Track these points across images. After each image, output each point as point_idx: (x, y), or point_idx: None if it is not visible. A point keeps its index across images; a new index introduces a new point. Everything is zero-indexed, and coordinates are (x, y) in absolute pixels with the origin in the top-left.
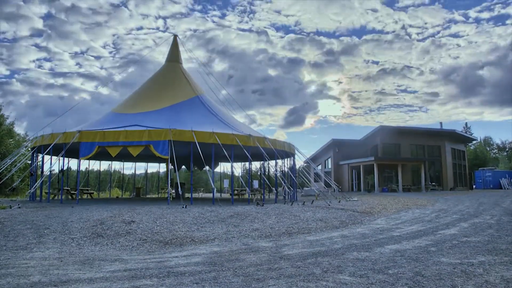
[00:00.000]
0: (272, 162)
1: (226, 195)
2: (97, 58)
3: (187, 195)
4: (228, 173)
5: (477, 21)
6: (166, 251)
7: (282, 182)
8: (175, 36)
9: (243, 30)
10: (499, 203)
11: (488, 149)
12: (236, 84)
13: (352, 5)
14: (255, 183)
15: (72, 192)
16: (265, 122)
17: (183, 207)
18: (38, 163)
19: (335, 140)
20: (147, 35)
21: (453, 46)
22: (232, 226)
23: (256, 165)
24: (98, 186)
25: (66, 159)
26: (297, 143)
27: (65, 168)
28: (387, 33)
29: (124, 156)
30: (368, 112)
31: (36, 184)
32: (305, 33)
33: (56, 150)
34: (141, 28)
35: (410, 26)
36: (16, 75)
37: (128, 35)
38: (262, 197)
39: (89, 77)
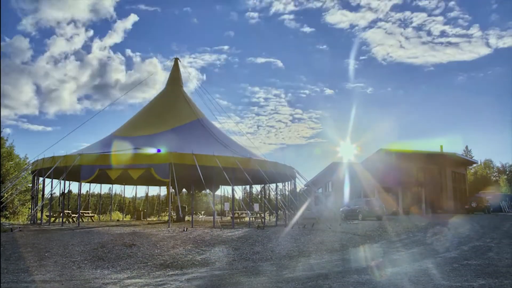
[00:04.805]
0: (273, 185)
1: (227, 218)
2: None
3: (187, 218)
4: (229, 196)
5: None
6: (167, 274)
7: (283, 205)
8: (176, 59)
9: None
10: (499, 226)
11: (488, 172)
12: None
13: None
14: (256, 206)
15: (73, 215)
16: None
17: (183, 230)
18: (39, 186)
19: (335, 163)
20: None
21: None
22: (232, 249)
23: (257, 188)
24: (99, 209)
25: (67, 182)
26: None
27: (66, 191)
28: None
29: (125, 179)
30: None
31: (37, 207)
32: None
33: (57, 173)
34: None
35: None
36: None
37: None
38: (263, 220)
39: None
